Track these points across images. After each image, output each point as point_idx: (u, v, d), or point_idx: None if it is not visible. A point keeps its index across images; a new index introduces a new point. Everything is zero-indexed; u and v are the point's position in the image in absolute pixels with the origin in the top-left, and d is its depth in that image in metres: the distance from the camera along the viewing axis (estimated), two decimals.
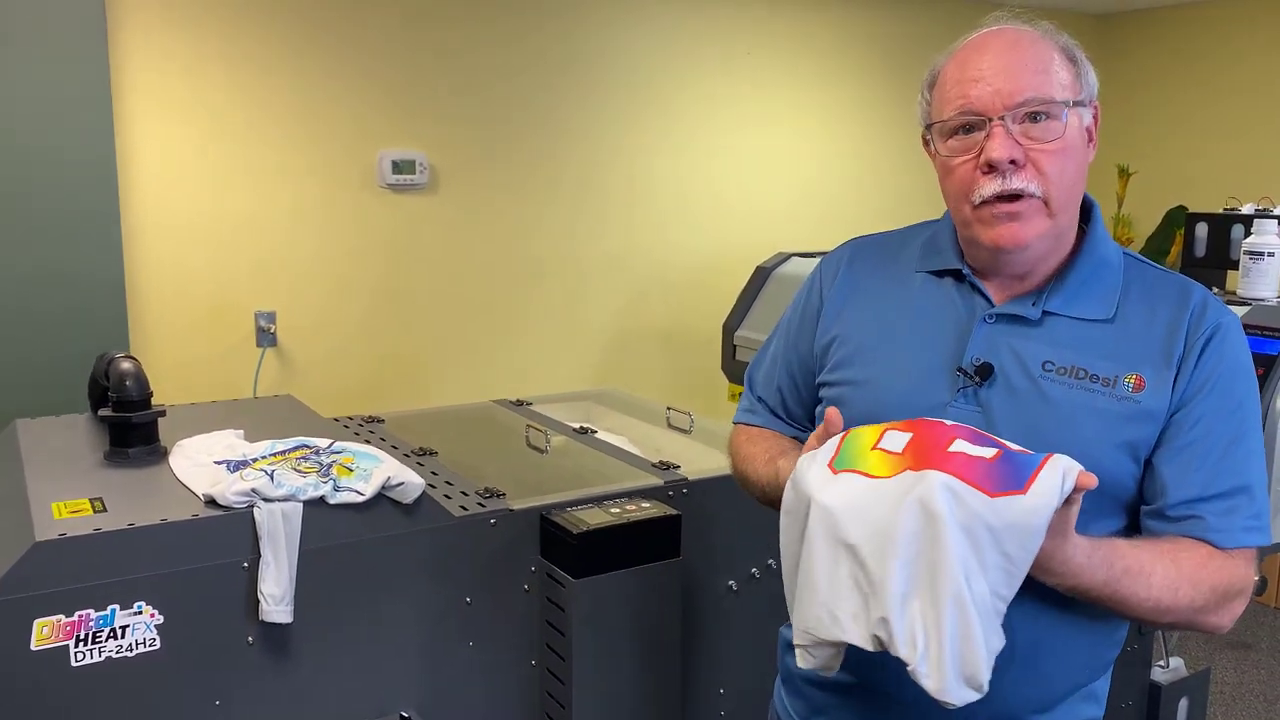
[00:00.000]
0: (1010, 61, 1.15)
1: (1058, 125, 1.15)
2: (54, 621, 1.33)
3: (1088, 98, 1.19)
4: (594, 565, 1.61)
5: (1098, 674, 1.26)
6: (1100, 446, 1.13)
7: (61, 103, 2.96)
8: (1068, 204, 1.18)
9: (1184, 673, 2.34)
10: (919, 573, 0.98)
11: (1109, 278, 1.21)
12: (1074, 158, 1.17)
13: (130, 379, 1.70)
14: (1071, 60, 1.19)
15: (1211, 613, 1.12)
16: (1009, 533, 0.96)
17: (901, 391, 1.22)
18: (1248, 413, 1.16)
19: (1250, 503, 1.14)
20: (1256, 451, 1.16)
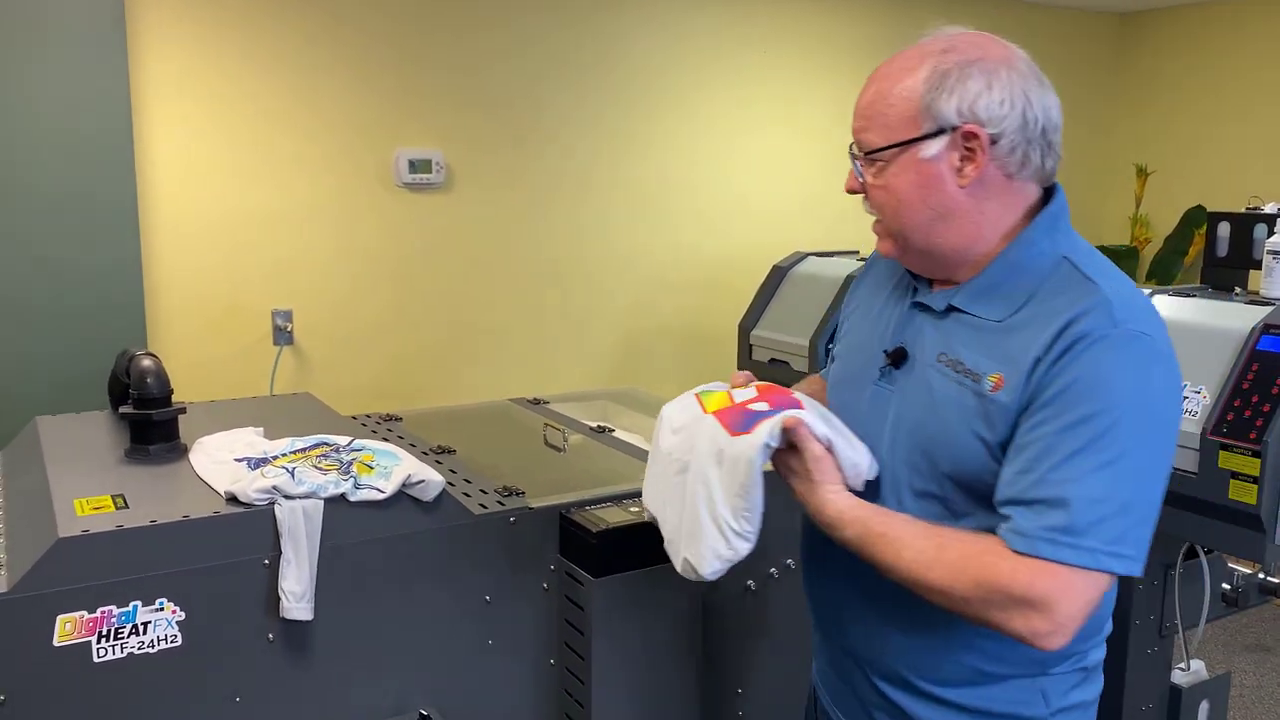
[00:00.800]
0: (863, 102, 1.26)
1: (879, 167, 1.24)
2: (76, 618, 1.33)
3: (941, 126, 1.20)
4: (614, 564, 1.60)
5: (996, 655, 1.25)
6: (959, 436, 1.20)
7: (81, 101, 2.98)
8: (912, 232, 1.25)
9: (1204, 675, 2.32)
10: (683, 481, 1.33)
11: (1020, 283, 1.23)
12: (904, 194, 1.23)
13: (151, 376, 1.71)
14: (933, 89, 1.20)
15: (991, 609, 1.13)
16: (734, 462, 1.26)
17: (849, 371, 1.40)
18: (1103, 430, 1.10)
19: (1064, 517, 1.10)
20: (1110, 474, 1.10)
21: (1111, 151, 5.39)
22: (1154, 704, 2.27)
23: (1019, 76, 1.24)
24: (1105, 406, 1.11)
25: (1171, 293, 2.25)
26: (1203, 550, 2.25)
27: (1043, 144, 1.25)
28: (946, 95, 1.20)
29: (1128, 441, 1.11)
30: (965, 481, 1.21)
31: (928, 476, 1.24)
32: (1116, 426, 1.10)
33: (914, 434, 1.25)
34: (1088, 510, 1.10)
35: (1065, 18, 5.14)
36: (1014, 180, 1.25)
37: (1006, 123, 1.21)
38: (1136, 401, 1.12)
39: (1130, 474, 1.11)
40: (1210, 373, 1.98)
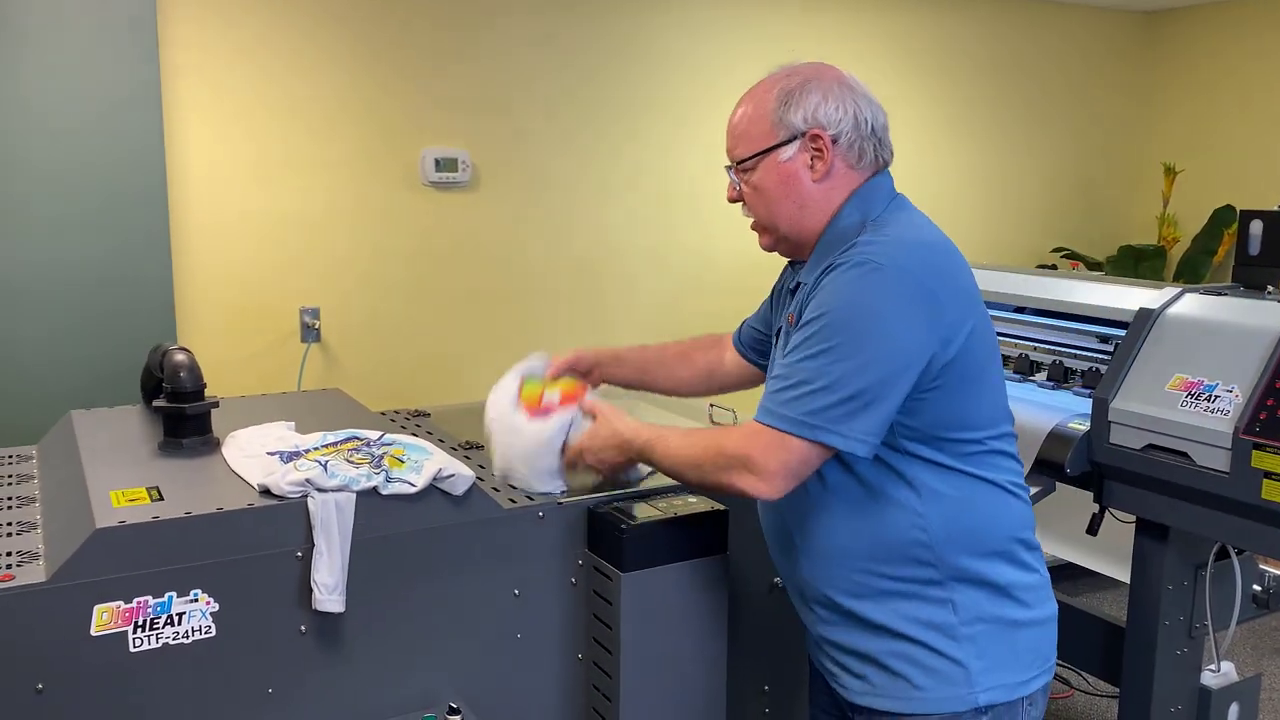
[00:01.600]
0: (730, 124, 1.59)
1: (750, 175, 1.55)
2: (113, 608, 1.35)
3: (792, 133, 1.51)
4: (642, 559, 1.61)
5: (905, 568, 1.47)
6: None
7: (112, 102, 3.01)
8: (782, 222, 1.55)
9: (1234, 678, 2.30)
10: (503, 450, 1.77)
11: (831, 249, 1.49)
12: (769, 194, 1.54)
13: (184, 370, 1.73)
14: (781, 104, 1.51)
15: (718, 472, 1.45)
16: (534, 439, 1.72)
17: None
18: (816, 330, 1.40)
19: (774, 393, 1.42)
20: (828, 364, 1.37)
21: (1138, 151, 5.35)
22: (1183, 705, 2.25)
23: (848, 89, 1.52)
24: (822, 314, 1.40)
25: (1203, 291, 2.23)
26: (1234, 551, 2.23)
27: (874, 140, 1.53)
28: (793, 108, 1.50)
29: (836, 337, 1.38)
30: None
31: None
32: (827, 327, 1.39)
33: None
34: (794, 388, 1.40)
35: (1091, 16, 5.11)
36: (855, 170, 1.53)
37: (843, 125, 1.50)
38: (847, 307, 1.39)
39: (836, 362, 1.38)
40: (1242, 372, 1.97)
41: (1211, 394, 1.99)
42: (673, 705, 1.69)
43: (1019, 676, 1.50)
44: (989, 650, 1.48)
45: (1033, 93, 4.97)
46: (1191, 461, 1.98)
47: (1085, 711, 3.29)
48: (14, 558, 1.39)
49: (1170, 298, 2.22)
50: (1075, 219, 5.20)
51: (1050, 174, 5.11)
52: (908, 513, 1.46)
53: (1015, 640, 1.50)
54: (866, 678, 1.52)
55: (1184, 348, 2.11)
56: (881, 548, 1.48)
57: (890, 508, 1.47)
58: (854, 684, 1.54)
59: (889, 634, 1.49)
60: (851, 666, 1.54)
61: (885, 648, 1.49)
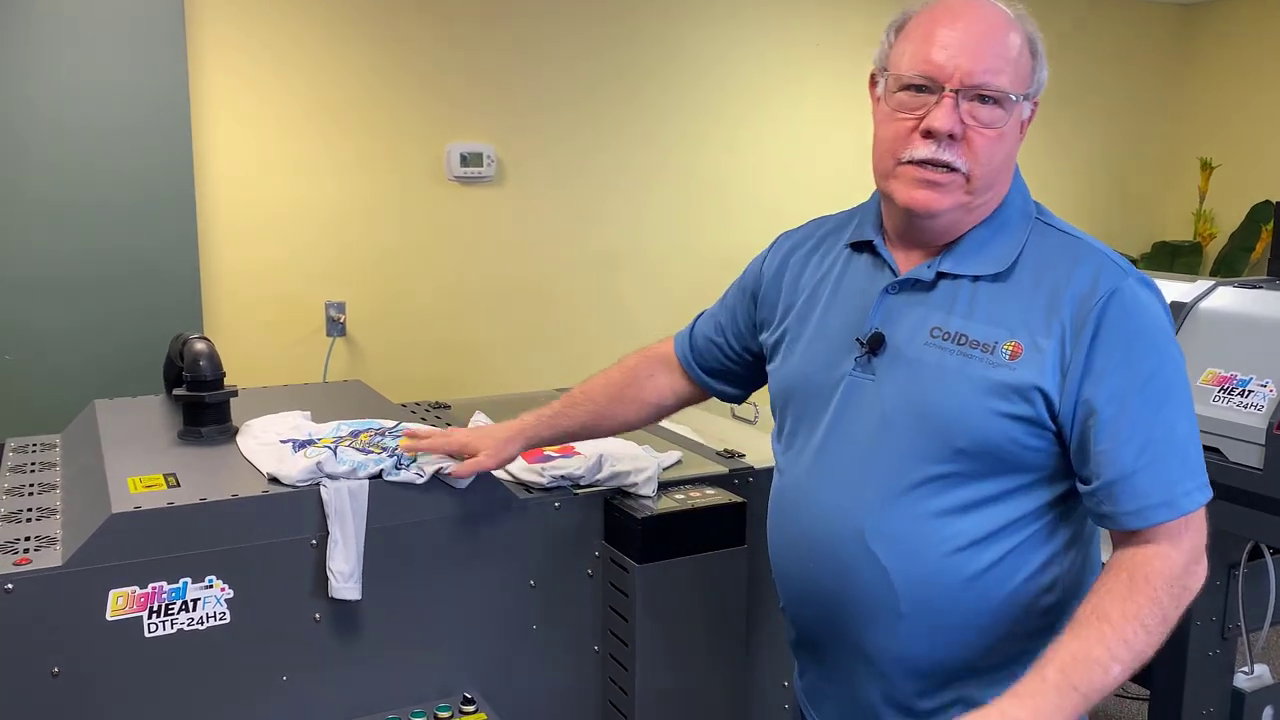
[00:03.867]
0: (978, 41, 1.18)
1: (1002, 114, 1.19)
2: (128, 593, 1.36)
3: (1035, 92, 1.23)
4: (658, 551, 1.59)
5: (1034, 638, 1.19)
6: (972, 411, 1.17)
7: (141, 98, 3.04)
8: (988, 185, 1.22)
9: (1269, 680, 2.25)
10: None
11: (1006, 239, 1.23)
12: (1006, 145, 1.22)
13: (204, 359, 1.73)
14: (1033, 54, 1.22)
15: (1183, 596, 1.11)
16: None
17: (811, 361, 1.32)
18: (1166, 377, 1.14)
19: (1184, 466, 1.13)
20: (1187, 417, 1.15)
21: (1174, 145, 5.26)
22: (1215, 708, 2.20)
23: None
24: (1162, 355, 1.15)
25: (1237, 284, 2.18)
26: (1268, 550, 2.18)
27: None
28: (1041, 66, 1.23)
29: (1181, 379, 1.16)
30: (986, 451, 1.18)
31: (939, 458, 1.19)
32: (1174, 370, 1.16)
33: (923, 419, 1.20)
34: (1189, 450, 1.14)
35: (1127, 8, 5.03)
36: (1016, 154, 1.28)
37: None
38: (1172, 340, 1.17)
39: (1190, 407, 1.17)
40: (1277, 366, 1.92)
41: (1245, 389, 1.94)
42: (690, 699, 1.67)
43: None
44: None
45: (1067, 87, 4.90)
46: (1224, 458, 1.94)
47: (1116, 714, 3.24)
48: (32, 542, 1.40)
49: (1203, 291, 2.17)
50: (1110, 215, 5.13)
51: (1085, 170, 5.04)
52: (1053, 565, 1.22)
53: None
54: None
55: (1217, 342, 2.06)
56: (1028, 616, 1.22)
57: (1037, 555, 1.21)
58: None
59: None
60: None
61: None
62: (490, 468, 1.53)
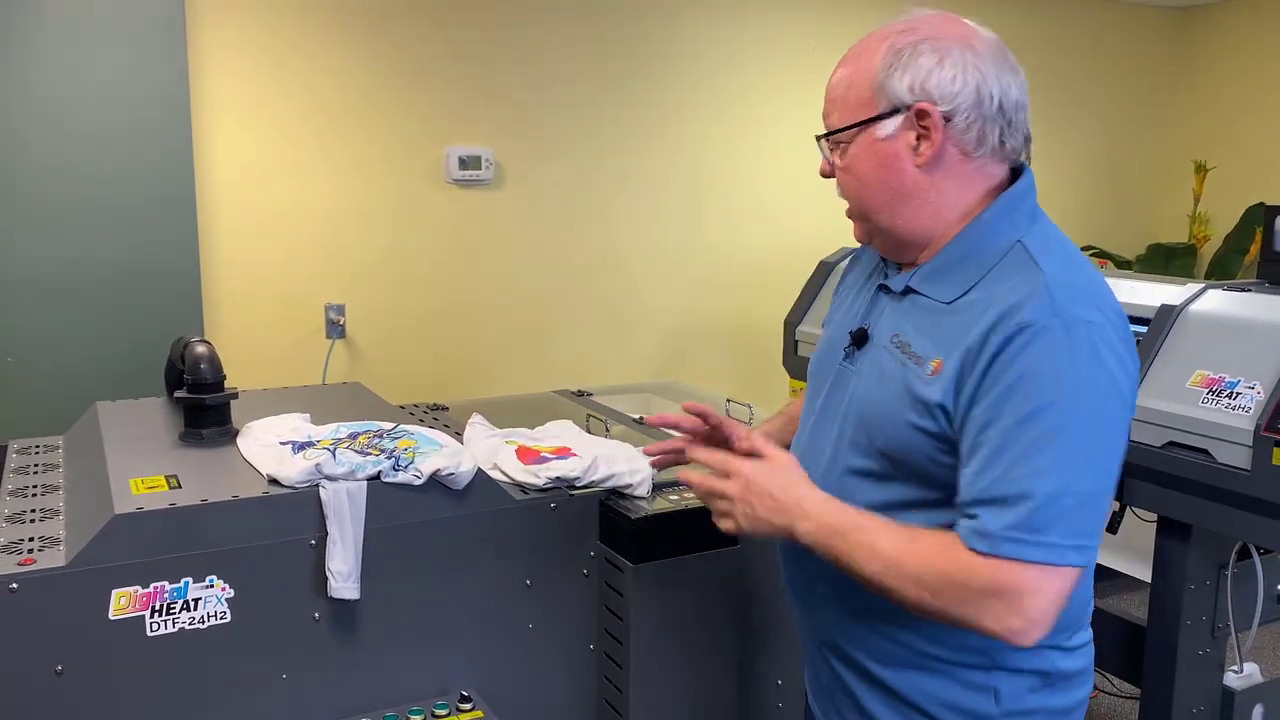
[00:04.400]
0: (829, 85, 1.30)
1: (843, 150, 1.27)
2: (131, 592, 1.38)
3: (895, 105, 1.22)
4: (653, 551, 1.62)
5: (948, 648, 1.25)
6: (896, 418, 1.22)
7: (142, 101, 3.06)
8: (875, 212, 1.27)
9: (1259, 679, 2.27)
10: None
11: (973, 265, 1.22)
12: (860, 173, 1.26)
13: (205, 362, 1.76)
14: (886, 68, 1.22)
15: (963, 605, 1.11)
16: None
17: (821, 356, 1.41)
18: (1055, 425, 1.09)
19: (1025, 514, 1.09)
20: (1064, 467, 1.09)
21: (1169, 147, 5.28)
22: (1205, 706, 2.22)
23: (974, 54, 1.21)
24: (1054, 400, 1.09)
25: (1226, 287, 2.21)
26: (1256, 550, 2.20)
27: (1002, 122, 1.22)
28: (899, 73, 1.21)
29: (1079, 433, 1.10)
30: (898, 459, 1.23)
31: (866, 453, 1.26)
32: (1067, 419, 1.09)
33: (861, 411, 1.28)
34: (1047, 507, 1.09)
35: (1123, 12, 5.05)
36: (971, 159, 1.23)
37: (960, 99, 1.19)
38: (1084, 391, 1.10)
39: (1085, 465, 1.10)
40: (1264, 368, 1.94)
41: (1233, 390, 1.96)
42: (684, 697, 1.69)
43: None
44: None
45: (1063, 90, 4.92)
46: (1212, 459, 1.96)
47: (1108, 712, 3.26)
48: (36, 543, 1.42)
49: (1193, 294, 2.20)
50: (1105, 217, 5.15)
51: (1080, 172, 5.06)
52: None
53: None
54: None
55: (1206, 344, 2.08)
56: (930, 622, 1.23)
57: None
58: None
59: (915, 713, 1.28)
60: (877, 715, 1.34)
61: (913, 702, 1.28)
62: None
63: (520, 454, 1.77)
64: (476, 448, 1.81)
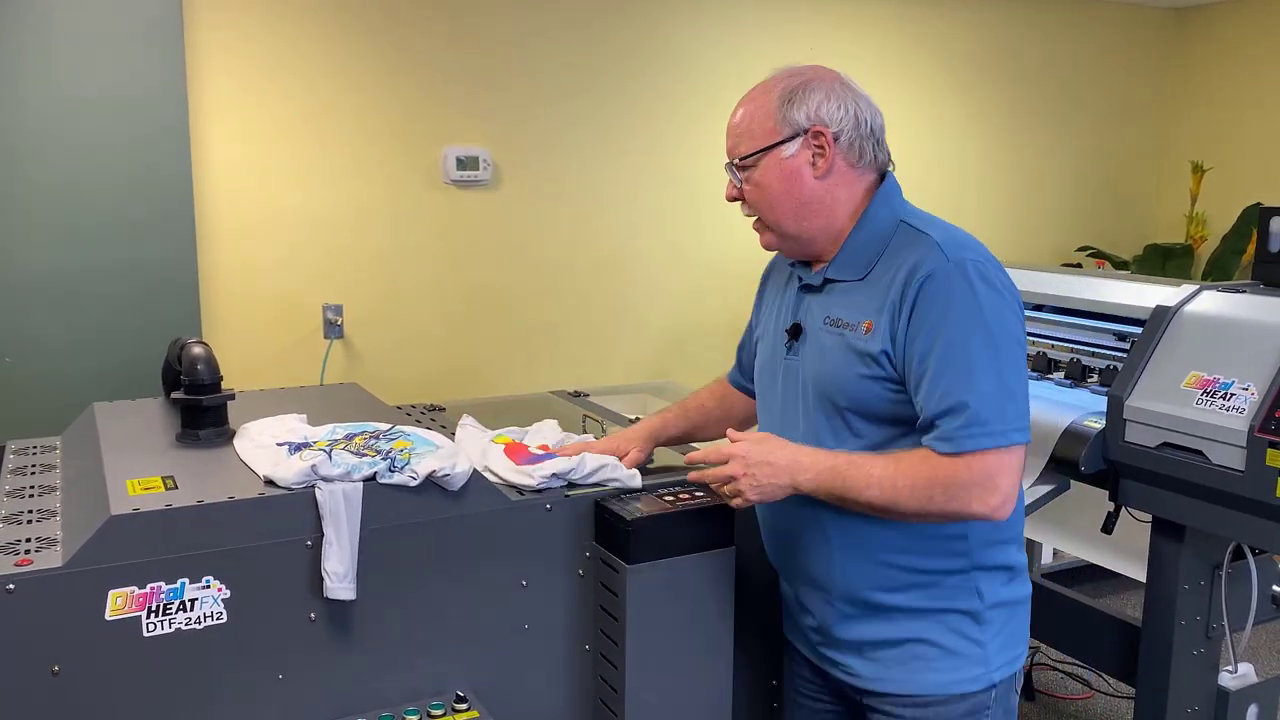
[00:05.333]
0: (733, 123, 1.61)
1: (752, 173, 1.58)
2: (127, 593, 1.38)
3: (795, 131, 1.54)
4: (648, 552, 1.62)
5: (941, 568, 1.54)
6: (848, 377, 1.52)
7: (138, 102, 3.06)
8: (783, 220, 1.59)
9: (1254, 679, 2.28)
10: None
11: (870, 247, 1.55)
12: (772, 189, 1.57)
13: (201, 363, 1.76)
14: (784, 104, 1.54)
15: (948, 501, 1.42)
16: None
17: (764, 357, 1.72)
18: (969, 343, 1.42)
19: (969, 415, 1.41)
20: (981, 372, 1.42)
21: (1167, 148, 5.29)
22: (1200, 706, 2.23)
23: (848, 89, 1.57)
24: (966, 323, 1.43)
25: (1221, 288, 2.21)
26: (1250, 551, 2.21)
27: (873, 140, 1.57)
28: (796, 106, 1.54)
29: (988, 343, 1.43)
30: (860, 410, 1.53)
31: (830, 414, 1.55)
32: (975, 335, 1.43)
33: (818, 385, 1.56)
34: (985, 404, 1.41)
35: (1119, 12, 5.06)
36: (855, 169, 1.57)
37: (844, 123, 1.54)
38: (985, 310, 1.44)
39: (1004, 365, 1.44)
40: (1259, 369, 1.95)
41: (1227, 392, 1.97)
42: (679, 697, 1.70)
43: (1017, 652, 1.62)
44: (1003, 630, 1.59)
45: (1059, 90, 4.93)
46: (1207, 460, 1.97)
47: (1105, 713, 3.27)
48: (33, 543, 1.42)
49: (1187, 295, 2.20)
50: (1102, 218, 5.16)
51: (1076, 172, 5.07)
52: None
53: (1019, 619, 1.63)
54: (884, 663, 1.59)
55: (1201, 345, 2.09)
56: (921, 541, 1.54)
57: None
58: (869, 670, 1.61)
59: (916, 623, 1.56)
60: (869, 654, 1.60)
61: (910, 635, 1.56)
62: (640, 462, 1.83)
63: (509, 451, 1.78)
64: (468, 449, 1.81)
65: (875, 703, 1.61)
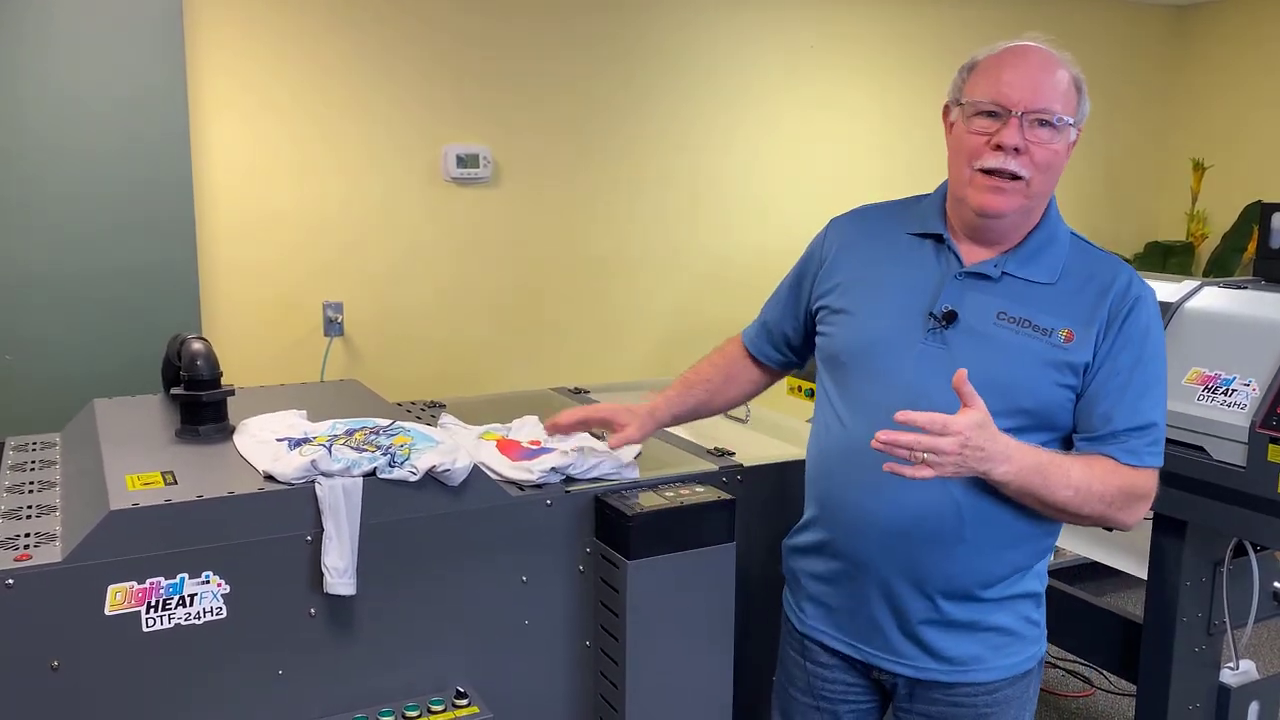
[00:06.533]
0: (1040, 78, 1.50)
1: (1055, 134, 1.51)
2: (127, 588, 1.38)
3: (1079, 121, 1.54)
4: (648, 547, 1.62)
5: (1035, 558, 1.61)
6: (1037, 379, 1.51)
7: (139, 99, 3.06)
8: (1044, 192, 1.55)
9: (1255, 675, 2.28)
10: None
11: (1056, 252, 1.57)
12: (1059, 159, 1.53)
13: (201, 359, 1.76)
14: (1078, 90, 1.53)
15: (1120, 510, 1.50)
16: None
17: (881, 329, 1.59)
18: (1157, 366, 1.53)
19: (1155, 434, 1.51)
20: (1161, 396, 1.53)
21: (1167, 146, 5.29)
22: (1201, 703, 2.23)
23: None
24: (1154, 350, 1.53)
25: (1223, 284, 2.21)
26: (1252, 547, 2.21)
27: None
28: (1084, 101, 1.55)
29: (1164, 372, 1.55)
30: (1044, 415, 1.52)
31: (1005, 413, 1.48)
32: (1161, 363, 1.54)
33: (997, 383, 1.48)
34: (1162, 428, 1.53)
35: (1121, 11, 5.05)
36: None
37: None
38: (1162, 341, 1.55)
39: (1163, 395, 1.54)
40: (1260, 365, 1.95)
41: (1229, 388, 1.97)
42: (680, 693, 1.70)
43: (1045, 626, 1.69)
44: (1044, 605, 1.67)
45: None
46: (1208, 456, 1.97)
47: (1106, 710, 3.27)
48: (32, 539, 1.42)
49: (1189, 291, 2.20)
50: (1103, 215, 5.15)
51: (1077, 170, 5.04)
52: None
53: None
54: (958, 656, 1.59)
55: (1202, 341, 2.09)
56: (1032, 541, 1.59)
57: None
58: (939, 664, 1.60)
59: (994, 614, 1.58)
60: (939, 647, 1.59)
61: (988, 624, 1.58)
62: (637, 440, 1.75)
63: (501, 447, 1.79)
64: (465, 446, 1.81)
65: (941, 694, 1.60)
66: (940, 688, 1.60)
